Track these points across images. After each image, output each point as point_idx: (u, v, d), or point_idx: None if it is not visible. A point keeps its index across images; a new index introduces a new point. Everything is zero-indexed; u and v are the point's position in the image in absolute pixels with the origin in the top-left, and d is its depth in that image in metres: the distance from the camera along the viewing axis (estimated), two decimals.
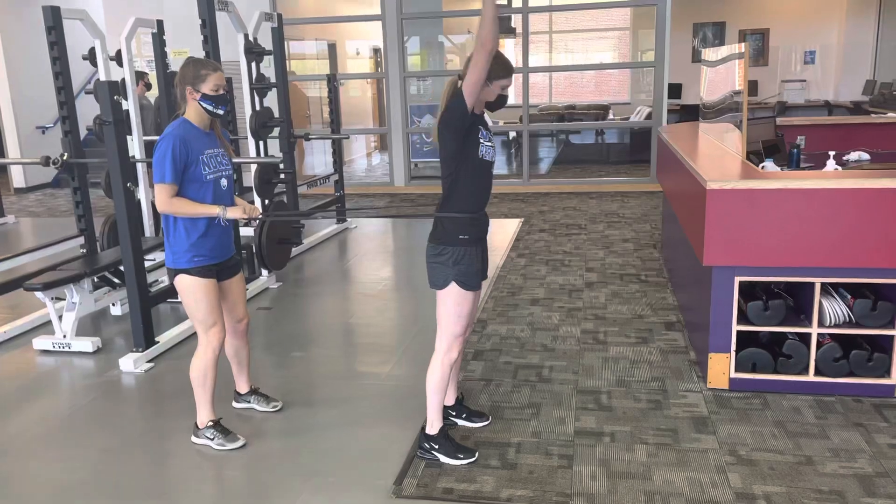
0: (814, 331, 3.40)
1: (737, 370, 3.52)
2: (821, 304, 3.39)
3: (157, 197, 2.91)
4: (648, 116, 9.84)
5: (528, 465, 2.94)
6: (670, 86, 9.77)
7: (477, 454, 3.00)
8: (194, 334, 3.53)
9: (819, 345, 3.44)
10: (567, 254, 6.24)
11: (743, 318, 3.49)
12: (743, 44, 3.89)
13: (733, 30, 12.50)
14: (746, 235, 3.31)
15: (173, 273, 3.04)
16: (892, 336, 3.35)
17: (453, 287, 2.82)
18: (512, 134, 11.91)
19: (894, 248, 3.19)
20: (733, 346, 3.49)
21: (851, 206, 3.21)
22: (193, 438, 3.20)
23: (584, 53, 15.04)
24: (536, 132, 13.03)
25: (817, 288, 3.35)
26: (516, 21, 11.64)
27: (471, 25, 13.04)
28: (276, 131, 6.37)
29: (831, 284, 3.50)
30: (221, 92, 2.97)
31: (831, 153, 4.09)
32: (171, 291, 4.39)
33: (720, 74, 4.61)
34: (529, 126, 10.05)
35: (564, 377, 3.77)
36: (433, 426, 2.99)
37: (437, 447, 2.97)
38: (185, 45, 7.90)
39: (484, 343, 4.27)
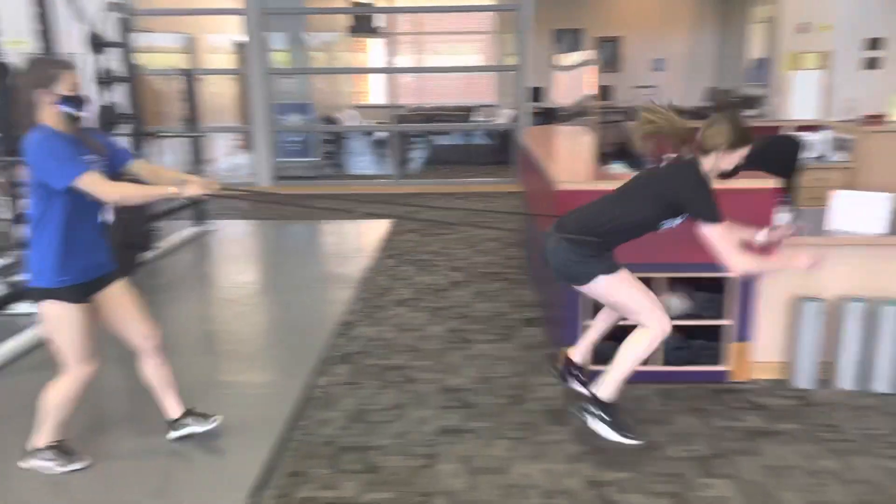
0: None
1: (593, 363, 3.68)
2: (666, 297, 3.61)
3: (95, 191, 2.55)
4: (514, 119, 10.13)
5: (390, 468, 2.94)
6: (533, 89, 10.11)
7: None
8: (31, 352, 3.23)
9: None
10: (434, 254, 6.30)
11: (596, 313, 3.66)
12: (593, 50, 4.08)
13: (590, 37, 13.12)
14: None
15: (37, 294, 2.68)
16: (726, 326, 3.63)
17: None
18: (380, 135, 11.89)
19: None
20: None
21: None
22: (23, 463, 2.88)
23: (452, 56, 15.26)
24: (405, 133, 13.07)
25: (661, 282, 3.57)
26: (381, 21, 11.62)
27: (334, 23, 12.90)
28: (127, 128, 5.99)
29: (675, 279, 3.74)
30: (79, 91, 2.63)
31: (672, 155, 4.38)
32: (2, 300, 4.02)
33: (573, 79, 4.82)
34: (398, 127, 10.06)
35: (429, 377, 3.80)
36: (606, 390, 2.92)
37: (606, 417, 2.90)
38: (22, 33, 7.27)
39: (350, 346, 4.23)
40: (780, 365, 3.69)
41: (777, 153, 5.11)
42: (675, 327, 3.65)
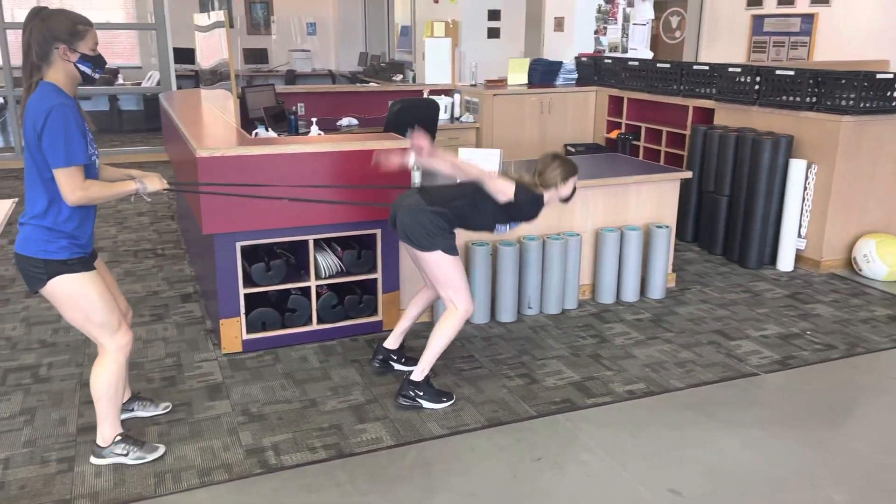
0: (312, 284, 3.70)
1: (248, 331, 3.65)
2: (315, 259, 3.70)
3: (64, 185, 2.37)
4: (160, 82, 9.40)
5: (18, 481, 2.59)
6: (182, 50, 9.48)
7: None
8: None
9: (318, 296, 3.77)
10: None
11: (249, 281, 3.61)
12: (222, 11, 3.93)
13: None
14: (242, 201, 3.39)
15: (45, 267, 2.45)
16: (375, 279, 3.85)
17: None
18: None
19: (367, 206, 3.64)
20: (242, 310, 3.59)
21: (331, 167, 3.54)
22: (95, 460, 2.70)
23: (89, 10, 13.61)
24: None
25: (311, 245, 3.65)
26: None
27: None
28: None
29: (324, 240, 3.84)
30: (98, 52, 2.47)
31: (314, 119, 4.46)
32: None
33: (211, 41, 4.61)
34: (15, 91, 8.67)
35: (67, 372, 3.41)
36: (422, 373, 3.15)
37: (421, 394, 3.14)
38: None
39: None
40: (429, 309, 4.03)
41: (417, 115, 5.51)
42: (329, 286, 3.78)
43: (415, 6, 10.51)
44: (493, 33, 9.12)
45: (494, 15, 9.08)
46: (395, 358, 3.49)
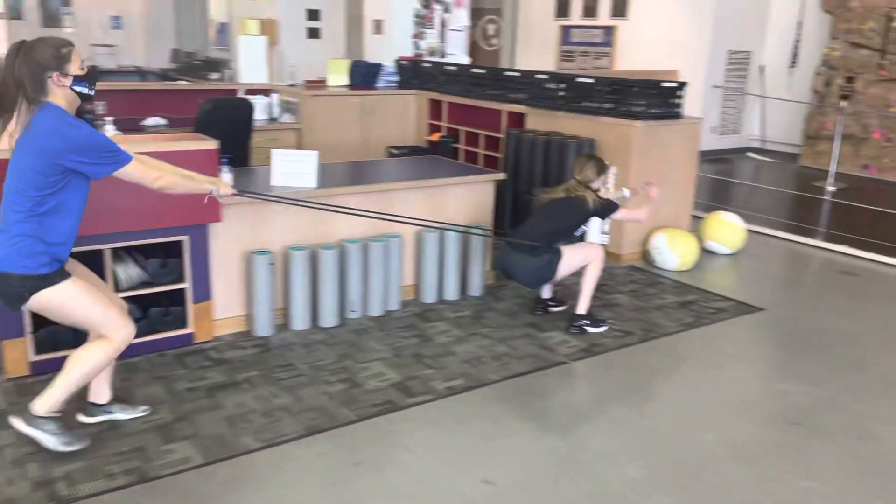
0: None
1: (38, 352, 3.30)
2: (114, 269, 3.42)
3: (143, 176, 2.58)
4: None
5: None
6: None
7: None
8: None
9: None
10: None
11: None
12: None
13: None
14: None
15: (23, 283, 2.49)
16: (184, 289, 3.63)
17: None
18: None
19: (172, 208, 3.43)
20: (28, 329, 3.24)
21: None
22: (21, 425, 2.66)
23: None
24: None
25: (108, 255, 3.37)
26: None
27: None
28: None
29: (123, 249, 3.56)
30: (86, 67, 2.57)
31: (110, 119, 4.14)
32: None
33: None
34: None
35: None
36: None
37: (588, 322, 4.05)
38: None
39: None
40: (242, 318, 3.88)
41: (229, 115, 5.29)
42: (131, 298, 3.52)
43: (231, 3, 10.11)
44: (314, 33, 9.00)
45: (314, 15, 8.96)
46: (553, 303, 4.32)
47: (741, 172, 8.98)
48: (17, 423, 2.66)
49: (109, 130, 3.95)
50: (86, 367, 2.66)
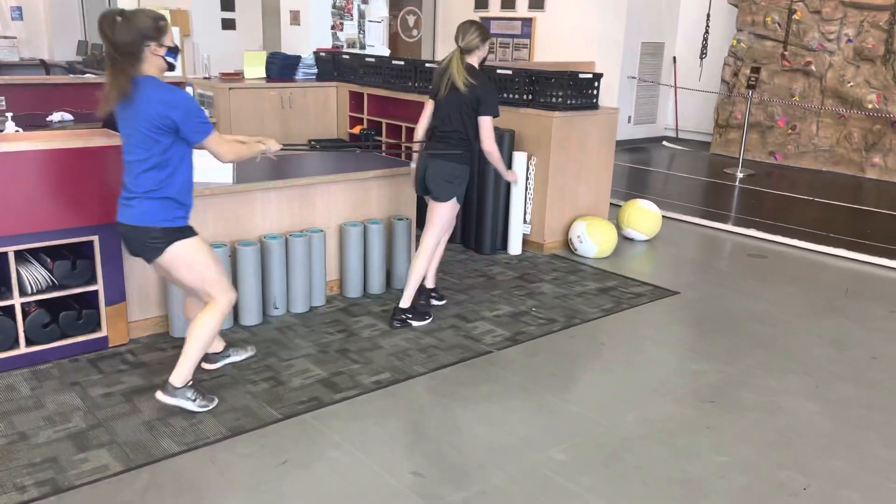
0: (17, 301, 3.25)
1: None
2: (19, 273, 3.25)
3: (222, 148, 2.85)
4: None
5: None
6: None
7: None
8: None
9: (26, 314, 3.32)
10: None
11: None
12: None
13: None
14: None
15: (165, 235, 2.76)
16: (96, 291, 3.49)
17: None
18: None
19: (81, 207, 3.28)
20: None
21: (33, 168, 3.13)
22: (164, 397, 2.91)
23: None
24: None
25: (11, 257, 3.20)
26: None
27: None
28: None
29: (28, 251, 3.39)
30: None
31: (9, 115, 3.93)
32: None
33: None
34: None
35: None
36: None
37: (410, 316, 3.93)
38: None
39: None
40: (159, 319, 3.75)
41: None
42: (40, 302, 3.36)
43: None
44: (228, 24, 8.75)
45: (228, 5, 8.72)
46: (436, 296, 4.27)
47: (656, 161, 9.27)
48: (162, 396, 2.92)
49: (9, 127, 3.74)
50: (205, 333, 2.91)
